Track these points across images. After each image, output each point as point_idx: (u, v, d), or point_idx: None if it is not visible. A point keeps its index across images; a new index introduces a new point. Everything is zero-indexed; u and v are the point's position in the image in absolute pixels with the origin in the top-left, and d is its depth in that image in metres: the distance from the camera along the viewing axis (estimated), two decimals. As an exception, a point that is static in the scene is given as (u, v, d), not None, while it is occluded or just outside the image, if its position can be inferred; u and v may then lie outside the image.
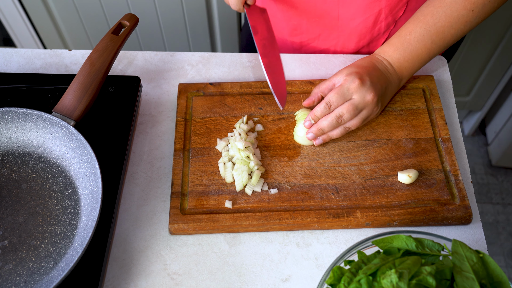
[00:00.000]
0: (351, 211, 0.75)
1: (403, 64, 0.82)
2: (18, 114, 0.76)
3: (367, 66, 0.80)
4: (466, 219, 0.76)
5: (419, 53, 0.81)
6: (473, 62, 1.79)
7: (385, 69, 0.81)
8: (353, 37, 0.96)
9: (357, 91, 0.76)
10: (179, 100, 0.87)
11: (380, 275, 0.54)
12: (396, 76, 0.82)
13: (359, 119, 0.79)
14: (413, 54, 0.81)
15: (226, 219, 0.75)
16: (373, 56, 0.83)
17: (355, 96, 0.77)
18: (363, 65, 0.80)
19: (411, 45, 0.81)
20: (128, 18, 0.84)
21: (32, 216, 0.73)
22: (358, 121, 0.79)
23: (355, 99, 0.77)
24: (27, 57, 0.95)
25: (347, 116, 0.77)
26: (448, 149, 0.81)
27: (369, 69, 0.79)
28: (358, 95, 0.77)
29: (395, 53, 0.82)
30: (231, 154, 0.81)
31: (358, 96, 0.77)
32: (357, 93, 0.77)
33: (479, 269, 0.56)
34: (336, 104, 0.77)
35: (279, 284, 0.72)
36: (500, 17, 1.60)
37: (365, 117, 0.79)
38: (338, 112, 0.77)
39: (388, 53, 0.82)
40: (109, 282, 0.72)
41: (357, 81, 0.76)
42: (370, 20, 0.92)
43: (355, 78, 0.77)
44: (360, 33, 0.95)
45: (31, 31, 1.72)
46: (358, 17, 0.92)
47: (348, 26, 0.94)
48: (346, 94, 0.77)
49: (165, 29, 1.70)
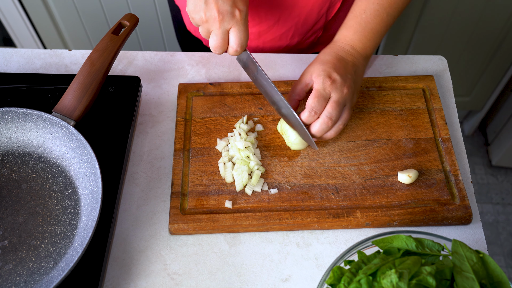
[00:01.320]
0: (351, 211, 0.75)
1: (365, 44, 0.81)
2: (18, 114, 0.76)
3: (331, 60, 0.78)
4: (466, 219, 0.76)
5: (378, 29, 0.81)
6: (473, 62, 1.79)
7: (350, 55, 0.80)
8: (315, 8, 0.95)
9: (333, 89, 0.76)
10: (179, 100, 0.87)
11: (380, 275, 0.54)
12: (361, 57, 0.82)
13: (348, 111, 0.78)
14: (373, 30, 0.81)
15: (226, 219, 0.75)
16: (335, 45, 0.82)
17: (333, 93, 0.76)
18: (327, 60, 0.78)
19: (369, 23, 0.81)
20: (128, 18, 0.84)
21: (32, 216, 0.73)
22: (347, 113, 0.78)
23: (334, 96, 0.76)
24: (27, 57, 0.95)
25: (335, 115, 0.76)
26: (448, 149, 0.82)
27: (334, 62, 0.78)
28: (335, 92, 0.76)
29: (356, 35, 0.81)
30: (231, 154, 0.81)
31: (336, 93, 0.76)
32: (334, 90, 0.76)
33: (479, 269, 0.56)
34: (320, 108, 0.75)
35: (279, 284, 0.72)
36: (500, 17, 1.60)
37: (350, 107, 0.79)
38: (326, 115, 0.76)
39: (348, 37, 0.81)
40: (109, 282, 0.72)
41: (328, 80, 0.75)
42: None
43: (325, 78, 0.76)
44: (321, 2, 0.94)
45: (31, 31, 1.72)
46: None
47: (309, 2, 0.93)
48: (325, 94, 0.76)
49: (165, 29, 1.70)
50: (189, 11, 0.75)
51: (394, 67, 0.95)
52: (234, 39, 0.73)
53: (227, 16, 0.72)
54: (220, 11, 0.71)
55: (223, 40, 0.73)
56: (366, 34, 0.81)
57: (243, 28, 0.73)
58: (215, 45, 0.74)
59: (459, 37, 1.69)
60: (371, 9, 0.80)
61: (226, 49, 0.75)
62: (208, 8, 0.72)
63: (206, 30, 0.74)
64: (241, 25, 0.73)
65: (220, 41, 0.73)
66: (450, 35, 1.68)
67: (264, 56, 0.96)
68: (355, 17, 0.81)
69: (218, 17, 0.71)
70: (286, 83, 0.89)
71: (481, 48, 1.73)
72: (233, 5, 0.72)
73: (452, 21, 1.62)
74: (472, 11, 1.59)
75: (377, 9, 0.80)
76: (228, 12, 0.72)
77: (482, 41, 1.70)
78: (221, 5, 0.71)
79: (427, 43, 1.72)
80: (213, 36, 0.73)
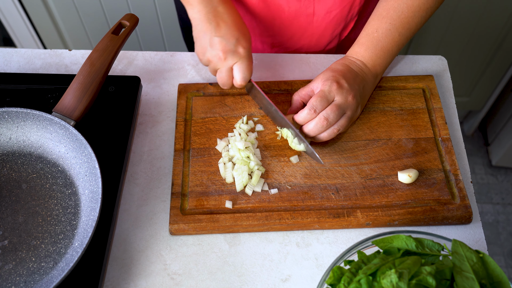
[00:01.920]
0: (351, 211, 0.75)
1: (376, 61, 0.83)
2: (18, 114, 0.76)
3: (342, 69, 0.80)
4: (467, 219, 0.76)
5: (389, 48, 0.83)
6: (473, 62, 1.79)
7: (360, 69, 0.82)
8: (328, 30, 0.97)
9: (338, 93, 0.77)
10: (179, 100, 0.87)
11: (380, 275, 0.54)
12: (371, 74, 0.83)
13: (346, 119, 0.78)
14: (384, 49, 0.83)
15: (227, 219, 0.75)
16: (346, 58, 0.84)
17: (337, 97, 0.77)
18: (338, 69, 0.81)
19: (380, 42, 0.82)
20: (128, 18, 0.84)
21: (32, 216, 0.73)
22: (345, 120, 0.78)
23: (337, 100, 0.77)
24: (27, 57, 0.95)
25: (333, 117, 0.77)
26: (448, 149, 0.82)
27: (344, 72, 0.80)
28: (339, 96, 0.77)
29: (367, 52, 0.83)
30: (231, 154, 0.81)
31: (340, 97, 0.77)
32: (338, 94, 0.77)
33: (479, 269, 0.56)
34: (321, 107, 0.77)
35: (279, 284, 0.72)
36: (500, 17, 1.60)
37: (350, 116, 0.79)
38: (323, 114, 0.76)
39: (360, 54, 0.83)
40: (109, 282, 0.72)
41: (335, 84, 0.77)
42: (346, 9, 0.93)
43: (333, 82, 0.77)
44: (336, 23, 0.96)
45: (31, 31, 1.72)
46: (335, 9, 0.93)
47: (324, 21, 0.95)
48: (329, 97, 0.77)
49: (165, 29, 1.70)
50: (197, 52, 0.81)
51: (394, 67, 0.95)
52: (237, 73, 0.79)
53: (230, 54, 0.77)
54: (224, 50, 0.77)
55: (228, 77, 0.80)
56: (377, 52, 0.82)
57: (246, 63, 0.79)
58: (222, 82, 0.80)
59: (459, 37, 1.69)
60: (383, 29, 0.82)
61: None
62: (213, 48, 0.78)
63: (212, 69, 0.81)
64: (244, 60, 0.78)
65: (226, 78, 0.80)
66: (450, 35, 1.68)
67: (264, 56, 0.96)
68: (367, 35, 0.83)
69: (223, 55, 0.77)
70: (286, 83, 0.89)
71: (481, 48, 1.73)
72: (237, 44, 0.78)
73: (452, 21, 1.62)
74: (472, 11, 1.59)
75: (389, 29, 0.82)
76: (231, 50, 0.77)
77: (482, 41, 1.70)
78: (225, 45, 0.77)
79: (427, 43, 1.72)
80: (219, 73, 0.80)
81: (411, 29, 0.83)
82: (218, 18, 0.78)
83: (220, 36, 0.77)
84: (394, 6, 0.82)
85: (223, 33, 0.77)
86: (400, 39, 0.83)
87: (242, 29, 0.79)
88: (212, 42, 0.78)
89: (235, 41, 0.77)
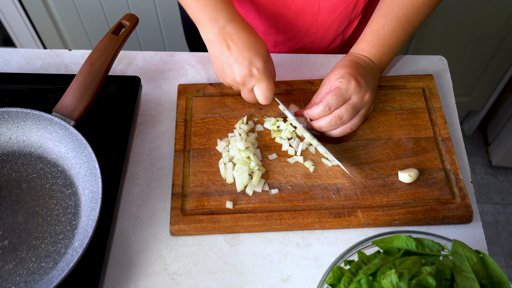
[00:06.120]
0: (352, 211, 0.75)
1: (382, 58, 0.83)
2: (18, 114, 0.76)
3: (353, 66, 0.79)
4: (467, 218, 0.76)
5: (393, 45, 0.83)
6: (473, 62, 1.79)
7: (367, 65, 0.82)
8: (332, 27, 0.97)
9: (356, 92, 0.77)
10: (179, 101, 0.87)
11: (380, 275, 0.54)
12: (377, 69, 0.83)
13: (360, 117, 0.79)
14: (389, 46, 0.83)
15: (227, 219, 0.75)
16: (353, 55, 0.83)
17: (354, 96, 0.77)
18: (349, 65, 0.79)
19: (386, 39, 0.82)
20: (128, 18, 0.84)
21: (32, 216, 0.73)
22: (358, 119, 0.79)
23: (353, 100, 0.77)
24: (27, 57, 0.95)
25: (346, 117, 0.77)
26: (448, 148, 0.81)
27: (357, 68, 0.79)
28: (356, 95, 0.77)
29: (374, 50, 0.83)
30: (231, 155, 0.81)
31: (357, 97, 0.77)
32: (356, 93, 0.77)
33: (479, 269, 0.56)
34: (336, 106, 0.76)
35: (279, 284, 0.72)
36: (500, 17, 1.60)
37: (364, 115, 0.80)
38: (337, 113, 0.77)
39: (366, 50, 0.83)
40: (109, 282, 0.72)
41: (353, 82, 0.76)
42: (350, 6, 0.93)
43: (351, 79, 0.76)
44: (340, 21, 0.96)
45: (31, 31, 1.72)
46: (340, 6, 0.92)
47: (329, 19, 0.95)
48: (345, 95, 0.77)
49: (165, 29, 1.70)
50: (216, 75, 0.81)
51: (394, 67, 0.95)
52: (259, 95, 0.79)
53: (247, 78, 0.77)
54: (239, 75, 0.76)
55: (252, 97, 0.80)
56: (383, 49, 0.82)
57: (264, 83, 0.78)
58: (248, 100, 0.82)
59: (459, 37, 1.69)
60: (389, 26, 0.82)
61: None
62: (230, 75, 0.78)
63: (235, 89, 0.81)
64: (262, 81, 0.77)
65: (250, 98, 0.81)
66: (450, 35, 1.68)
67: (264, 56, 0.96)
68: (373, 32, 0.83)
69: (240, 81, 0.77)
70: (286, 83, 0.89)
71: (481, 48, 1.73)
72: (250, 66, 0.76)
73: (452, 21, 1.62)
74: (472, 11, 1.59)
75: (394, 26, 0.82)
76: (246, 75, 0.76)
77: (482, 41, 1.70)
78: (238, 70, 0.76)
79: (427, 43, 1.72)
80: (243, 94, 0.81)
81: (415, 26, 0.83)
82: (228, 40, 0.76)
83: (233, 62, 0.76)
84: (399, 3, 0.82)
85: (235, 57, 0.76)
86: (404, 36, 0.83)
87: (254, 47, 0.76)
88: (226, 69, 0.77)
89: (247, 64, 0.76)
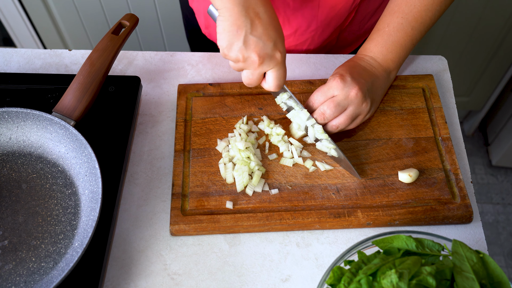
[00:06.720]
0: (352, 211, 0.75)
1: (387, 56, 0.82)
2: (18, 114, 0.76)
3: (348, 65, 0.80)
4: (467, 218, 0.76)
5: (401, 42, 0.81)
6: (473, 62, 1.79)
7: (368, 64, 0.81)
8: (332, 23, 0.96)
9: (339, 88, 0.76)
10: (179, 101, 0.87)
11: (380, 275, 0.54)
12: (382, 69, 0.82)
13: (347, 116, 0.78)
14: (396, 44, 0.81)
15: (227, 219, 0.75)
16: (356, 56, 0.83)
17: (338, 93, 0.77)
18: (344, 64, 0.81)
19: (391, 36, 0.81)
20: (128, 18, 0.84)
21: (32, 216, 0.73)
22: (345, 118, 0.78)
23: (337, 96, 0.77)
24: (27, 57, 0.95)
25: (329, 114, 0.77)
26: (448, 148, 0.81)
27: (350, 67, 0.79)
28: (340, 92, 0.76)
29: (377, 47, 0.82)
30: (231, 155, 0.81)
31: (341, 93, 0.77)
32: (339, 90, 0.76)
33: (479, 269, 0.56)
34: (318, 102, 0.78)
35: (279, 284, 0.72)
36: (500, 17, 1.60)
37: (353, 114, 0.78)
38: (320, 109, 0.77)
39: (369, 49, 0.83)
40: (109, 282, 0.72)
41: (337, 78, 0.76)
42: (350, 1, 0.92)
43: (335, 77, 0.77)
44: (340, 16, 0.95)
45: (31, 31, 1.72)
46: (340, 2, 0.92)
47: (329, 15, 0.94)
48: (328, 92, 0.77)
49: (165, 29, 1.70)
50: (222, 47, 0.70)
51: (394, 67, 0.94)
52: (272, 81, 0.72)
53: (267, 59, 0.69)
54: (260, 55, 0.69)
55: (258, 80, 0.73)
56: (387, 46, 0.81)
57: (282, 70, 0.72)
58: (249, 83, 0.73)
59: (459, 37, 1.69)
60: (395, 23, 0.81)
61: None
62: (247, 49, 0.68)
63: (240, 68, 0.72)
64: (281, 67, 0.72)
65: (255, 81, 0.73)
66: (450, 35, 1.68)
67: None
68: (377, 30, 0.83)
69: (258, 60, 0.69)
70: (286, 83, 0.89)
71: (481, 48, 1.73)
72: (274, 48, 0.69)
73: (452, 21, 1.62)
74: (472, 11, 1.59)
75: (400, 23, 0.80)
76: (268, 55, 0.69)
77: (482, 41, 1.70)
78: (261, 48, 0.68)
79: (427, 43, 1.72)
80: (249, 75, 0.72)
81: (425, 23, 0.81)
82: (253, 13, 0.68)
83: (256, 37, 0.68)
84: (406, 0, 0.81)
85: (260, 33, 0.68)
86: (414, 33, 0.81)
87: (279, 29, 0.70)
88: (246, 41, 0.68)
89: (272, 44, 0.69)
